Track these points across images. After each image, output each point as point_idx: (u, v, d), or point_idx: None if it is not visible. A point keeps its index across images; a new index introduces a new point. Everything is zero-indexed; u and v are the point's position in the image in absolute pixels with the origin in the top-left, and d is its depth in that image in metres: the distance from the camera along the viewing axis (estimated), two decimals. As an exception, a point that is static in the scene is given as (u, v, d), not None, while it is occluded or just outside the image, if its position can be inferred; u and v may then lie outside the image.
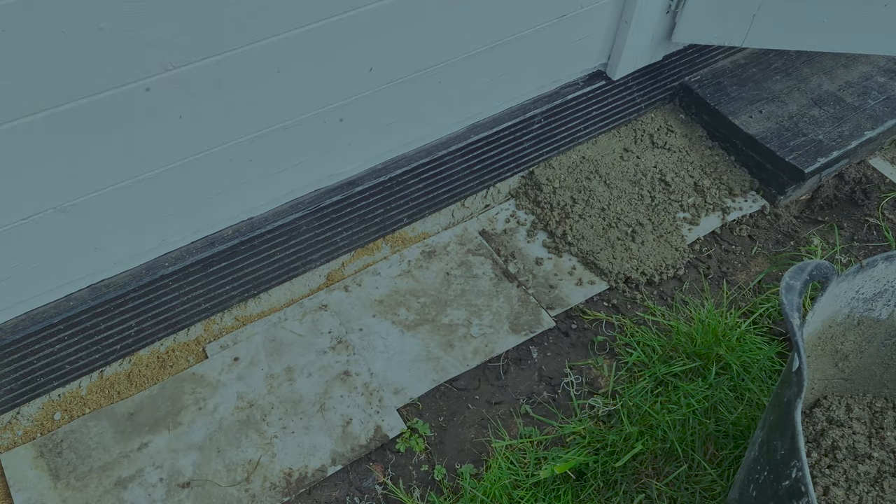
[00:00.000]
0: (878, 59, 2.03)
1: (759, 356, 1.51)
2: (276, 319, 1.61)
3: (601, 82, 1.89)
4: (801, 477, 0.96)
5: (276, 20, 1.26)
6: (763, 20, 1.73)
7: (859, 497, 1.25)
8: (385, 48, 1.45)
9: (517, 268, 1.71)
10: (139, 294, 1.48)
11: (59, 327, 1.42)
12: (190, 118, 1.30)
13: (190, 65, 1.23)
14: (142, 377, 1.52)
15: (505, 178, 1.84)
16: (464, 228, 1.78)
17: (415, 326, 1.60)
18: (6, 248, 1.28)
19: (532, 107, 1.81)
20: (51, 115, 1.15)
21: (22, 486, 1.36)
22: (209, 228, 1.53)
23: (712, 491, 1.37)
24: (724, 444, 1.43)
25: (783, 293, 1.07)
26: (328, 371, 1.53)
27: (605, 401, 1.50)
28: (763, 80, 1.98)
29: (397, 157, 1.69)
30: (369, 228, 1.71)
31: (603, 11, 1.74)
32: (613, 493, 1.37)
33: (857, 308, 1.30)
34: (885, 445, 1.32)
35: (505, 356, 1.57)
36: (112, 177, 1.31)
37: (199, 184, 1.43)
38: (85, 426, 1.44)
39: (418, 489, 1.40)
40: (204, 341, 1.58)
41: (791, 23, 1.72)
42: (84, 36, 1.09)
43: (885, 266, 1.24)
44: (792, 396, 1.02)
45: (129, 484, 1.38)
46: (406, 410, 1.49)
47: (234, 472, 1.40)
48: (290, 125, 1.44)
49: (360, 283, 1.67)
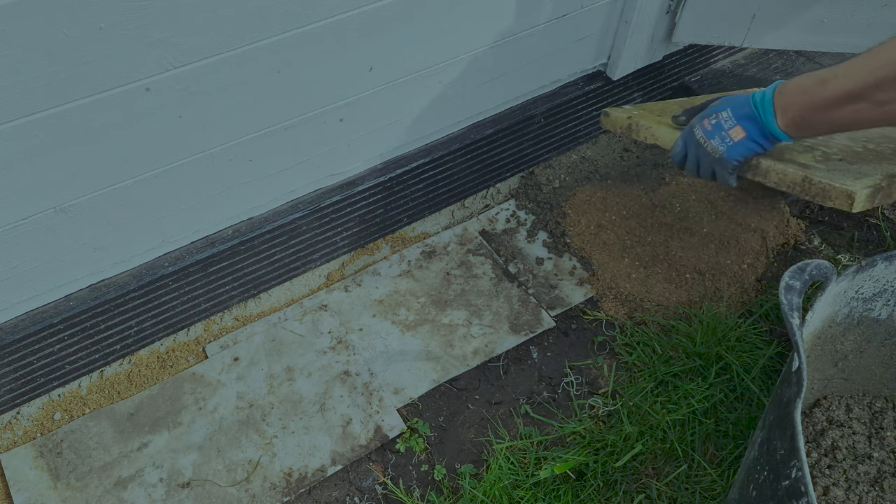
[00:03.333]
0: (878, 59, 2.03)
1: (759, 356, 1.51)
2: (276, 319, 1.61)
3: (601, 82, 1.89)
4: (800, 477, 0.96)
5: (276, 20, 1.27)
6: (763, 20, 1.73)
7: (859, 497, 1.25)
8: (385, 48, 1.45)
9: (517, 268, 1.71)
10: (139, 294, 1.48)
11: (59, 327, 1.42)
12: (190, 118, 1.30)
13: (190, 65, 1.23)
14: (142, 377, 1.52)
15: (505, 178, 1.84)
16: (464, 228, 1.78)
17: (415, 326, 1.60)
18: (6, 248, 1.28)
19: (532, 107, 1.81)
20: (51, 114, 1.15)
21: (22, 486, 1.36)
22: (209, 228, 1.53)
23: (712, 491, 1.37)
24: (724, 444, 1.43)
25: (783, 293, 1.07)
26: (328, 371, 1.53)
27: (605, 401, 1.50)
28: (763, 80, 1.98)
29: (397, 157, 1.69)
30: (369, 228, 1.71)
31: (603, 11, 1.74)
32: (613, 493, 1.37)
33: (856, 308, 1.30)
34: (885, 445, 1.32)
35: (505, 356, 1.57)
36: (112, 177, 1.31)
37: (199, 184, 1.43)
38: (85, 426, 1.44)
39: (418, 489, 1.40)
40: (204, 341, 1.58)
41: (791, 23, 1.72)
42: (84, 36, 1.09)
43: (884, 266, 1.24)
44: (792, 396, 1.02)
45: (129, 484, 1.38)
46: (406, 410, 1.49)
47: (234, 472, 1.40)
48: (290, 125, 1.45)
49: (360, 283, 1.67)
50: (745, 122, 1.18)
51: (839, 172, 1.25)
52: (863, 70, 1.01)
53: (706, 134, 1.21)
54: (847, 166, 1.29)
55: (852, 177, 1.23)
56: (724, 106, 1.21)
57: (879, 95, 1.00)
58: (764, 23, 1.73)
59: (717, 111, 1.22)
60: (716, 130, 1.21)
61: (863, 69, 1.01)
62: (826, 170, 1.26)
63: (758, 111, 1.16)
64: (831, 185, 1.19)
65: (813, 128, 1.13)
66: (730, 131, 1.19)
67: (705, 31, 1.81)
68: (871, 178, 1.23)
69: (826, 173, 1.24)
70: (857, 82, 1.02)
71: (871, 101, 1.01)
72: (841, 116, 1.07)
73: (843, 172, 1.26)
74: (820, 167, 1.26)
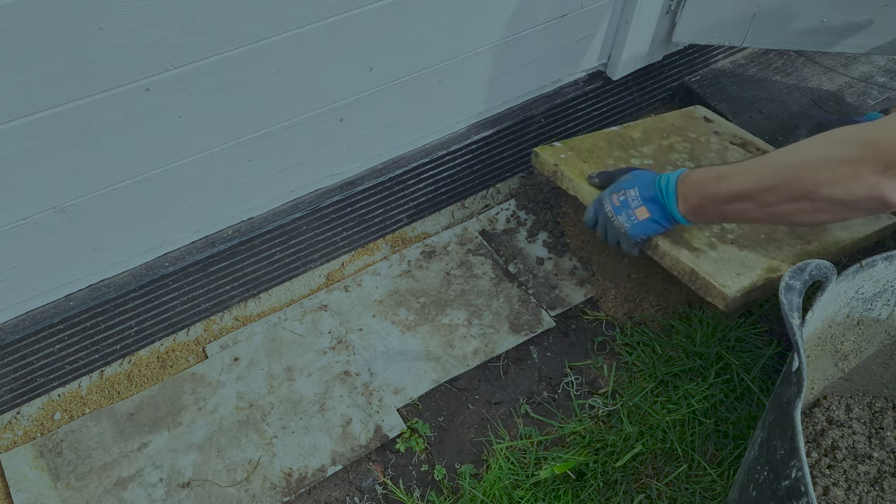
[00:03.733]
0: (878, 60, 2.03)
1: (759, 356, 1.52)
2: (276, 319, 1.61)
3: (601, 82, 1.89)
4: (800, 477, 0.96)
5: (276, 20, 1.27)
6: (763, 20, 1.73)
7: (859, 497, 1.25)
8: (385, 48, 1.45)
9: (517, 268, 1.71)
10: (139, 294, 1.48)
11: (59, 327, 1.42)
12: (190, 118, 1.30)
13: (190, 65, 1.23)
14: (142, 377, 1.52)
15: (505, 178, 1.84)
16: (464, 228, 1.78)
17: (415, 326, 1.60)
18: (6, 248, 1.28)
19: (532, 106, 1.81)
20: (51, 114, 1.15)
21: (22, 486, 1.36)
22: (209, 228, 1.53)
23: (712, 491, 1.37)
24: (724, 444, 1.43)
25: (783, 293, 1.06)
26: (328, 371, 1.53)
27: (605, 401, 1.50)
28: (763, 80, 1.98)
29: (397, 157, 1.69)
30: (369, 228, 1.71)
31: (603, 11, 1.74)
32: (613, 493, 1.37)
33: (856, 308, 1.30)
34: (885, 445, 1.32)
35: (505, 356, 1.57)
36: (112, 177, 1.31)
37: (199, 184, 1.43)
38: (85, 426, 1.44)
39: (418, 489, 1.40)
40: (204, 341, 1.58)
41: (791, 22, 1.72)
42: (84, 36, 1.09)
43: (884, 266, 1.24)
44: (792, 396, 1.02)
45: (129, 484, 1.38)
46: (406, 410, 1.49)
47: (234, 472, 1.40)
48: (290, 125, 1.45)
49: (360, 283, 1.67)
50: (650, 204, 1.28)
51: (725, 263, 1.36)
52: (755, 175, 1.11)
53: (614, 209, 1.32)
54: (736, 252, 1.39)
55: (735, 270, 1.35)
56: (632, 183, 1.31)
57: (766, 198, 1.11)
58: (764, 22, 1.73)
59: (626, 188, 1.31)
60: (623, 207, 1.31)
61: (755, 173, 1.12)
62: (714, 259, 1.37)
63: (662, 195, 1.26)
64: (712, 283, 1.32)
65: (708, 217, 1.25)
66: (635, 210, 1.29)
67: (705, 31, 1.81)
68: (749, 277, 1.34)
69: (713, 264, 1.35)
70: (748, 185, 1.13)
71: (758, 202, 1.12)
72: (732, 211, 1.18)
73: (729, 263, 1.36)
74: (710, 254, 1.37)
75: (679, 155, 1.65)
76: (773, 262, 1.38)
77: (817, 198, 1.05)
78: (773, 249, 1.40)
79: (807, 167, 1.05)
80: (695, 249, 1.37)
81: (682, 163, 1.62)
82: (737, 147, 1.70)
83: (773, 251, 1.40)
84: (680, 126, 1.76)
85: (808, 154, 1.06)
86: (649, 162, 1.61)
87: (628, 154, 1.62)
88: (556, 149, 1.61)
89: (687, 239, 1.39)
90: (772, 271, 1.36)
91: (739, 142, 1.73)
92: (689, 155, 1.66)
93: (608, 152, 1.62)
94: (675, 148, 1.67)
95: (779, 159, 1.09)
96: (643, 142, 1.68)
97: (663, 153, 1.65)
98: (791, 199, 1.09)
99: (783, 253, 1.40)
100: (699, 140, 1.71)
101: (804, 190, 1.06)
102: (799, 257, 1.39)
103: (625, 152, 1.63)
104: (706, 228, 1.42)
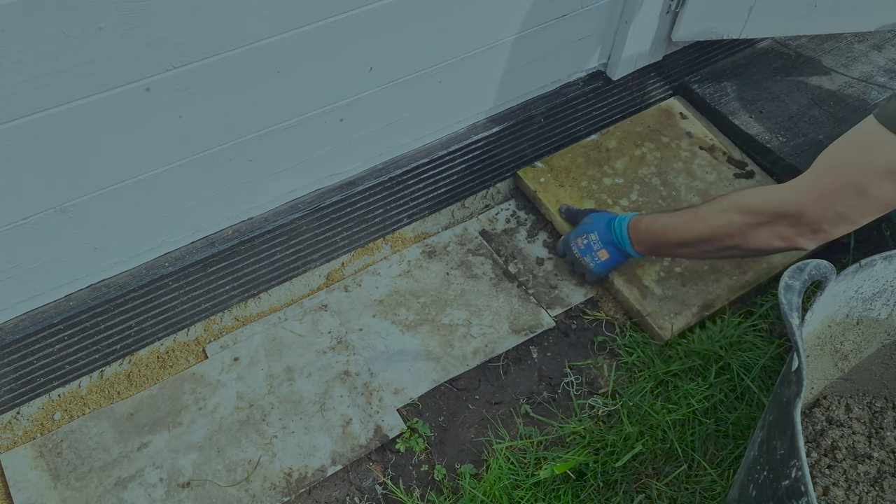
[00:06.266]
0: (878, 59, 2.03)
1: (759, 356, 1.52)
2: (276, 319, 1.61)
3: (601, 82, 1.89)
4: (800, 477, 0.96)
5: (275, 20, 1.27)
6: (760, 10, 1.79)
7: (859, 497, 1.25)
8: (385, 48, 1.45)
9: (517, 268, 1.71)
10: (139, 294, 1.48)
11: (59, 327, 1.42)
12: (190, 118, 1.30)
13: (190, 65, 1.23)
14: (142, 377, 1.52)
15: (505, 177, 1.84)
16: (464, 228, 1.78)
17: (415, 326, 1.60)
18: (6, 248, 1.29)
19: (532, 106, 1.82)
20: (51, 114, 1.15)
21: (22, 486, 1.37)
22: (209, 228, 1.53)
23: (712, 491, 1.37)
24: (724, 444, 1.43)
25: (782, 293, 1.07)
26: (328, 371, 1.53)
27: (605, 401, 1.50)
28: (763, 80, 1.98)
29: (397, 157, 1.69)
30: (369, 228, 1.71)
31: (603, 11, 1.74)
32: (613, 493, 1.37)
33: (856, 308, 1.30)
34: (885, 445, 1.32)
35: (505, 356, 1.57)
36: (112, 177, 1.31)
37: (199, 184, 1.43)
38: (85, 426, 1.44)
39: (418, 489, 1.40)
40: (204, 341, 1.58)
41: (786, 10, 1.80)
42: (84, 36, 1.09)
43: (883, 266, 1.24)
44: (791, 396, 1.02)
45: (129, 484, 1.38)
46: (406, 410, 1.49)
47: (234, 472, 1.40)
48: (290, 125, 1.45)
49: (360, 283, 1.67)
50: (609, 247, 1.55)
51: (667, 302, 1.59)
52: (693, 231, 1.40)
53: (580, 252, 1.58)
54: (679, 289, 1.61)
55: (675, 310, 1.57)
56: (593, 228, 1.57)
57: (703, 247, 1.40)
58: (761, 13, 1.80)
59: (588, 232, 1.57)
60: (587, 250, 1.57)
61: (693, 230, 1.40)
62: (659, 298, 1.59)
63: (617, 239, 1.53)
64: (652, 324, 1.56)
65: (660, 255, 1.57)
66: (597, 252, 1.56)
67: (705, 28, 1.82)
68: (685, 317, 1.56)
69: (656, 304, 1.58)
70: (689, 236, 1.41)
71: (698, 249, 1.42)
72: (679, 253, 1.50)
73: (671, 302, 1.58)
74: (656, 292, 1.60)
75: (648, 169, 1.81)
76: (710, 298, 1.59)
77: (745, 247, 1.34)
78: (711, 282, 1.61)
79: (732, 227, 1.33)
80: (643, 287, 1.61)
81: (650, 179, 1.79)
82: (704, 152, 1.85)
83: (711, 284, 1.61)
84: (655, 128, 1.89)
85: (731, 219, 1.33)
86: (619, 181, 1.78)
87: (602, 172, 1.79)
88: (538, 171, 1.80)
89: (639, 275, 1.62)
90: (706, 308, 1.58)
91: (707, 146, 1.86)
92: (657, 169, 1.81)
93: (584, 171, 1.80)
94: (646, 160, 1.83)
95: (712, 221, 1.37)
96: (618, 153, 1.83)
97: (634, 167, 1.81)
98: (723, 248, 1.37)
99: (720, 286, 1.61)
100: (670, 146, 1.86)
101: (733, 243, 1.35)
102: (733, 290, 1.61)
103: (599, 170, 1.80)
104: (657, 262, 1.65)
